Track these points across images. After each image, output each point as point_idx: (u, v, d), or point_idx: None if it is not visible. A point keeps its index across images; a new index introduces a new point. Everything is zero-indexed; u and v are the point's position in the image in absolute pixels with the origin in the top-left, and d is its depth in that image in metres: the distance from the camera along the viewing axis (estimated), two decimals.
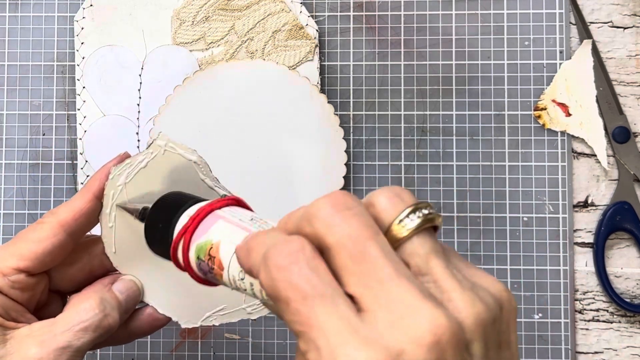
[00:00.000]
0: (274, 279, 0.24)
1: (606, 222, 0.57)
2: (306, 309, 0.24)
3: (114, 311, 0.39)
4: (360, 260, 0.24)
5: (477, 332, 0.23)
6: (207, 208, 0.32)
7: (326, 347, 0.23)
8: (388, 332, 0.23)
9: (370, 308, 0.23)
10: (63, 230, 0.39)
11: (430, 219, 0.25)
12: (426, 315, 0.23)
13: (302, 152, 0.57)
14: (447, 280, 0.24)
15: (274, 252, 0.25)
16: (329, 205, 0.25)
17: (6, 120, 0.59)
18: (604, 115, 0.58)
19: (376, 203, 0.26)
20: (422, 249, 0.25)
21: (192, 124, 0.57)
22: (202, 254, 0.31)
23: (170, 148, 0.40)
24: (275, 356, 0.58)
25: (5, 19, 0.60)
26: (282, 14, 0.58)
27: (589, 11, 0.59)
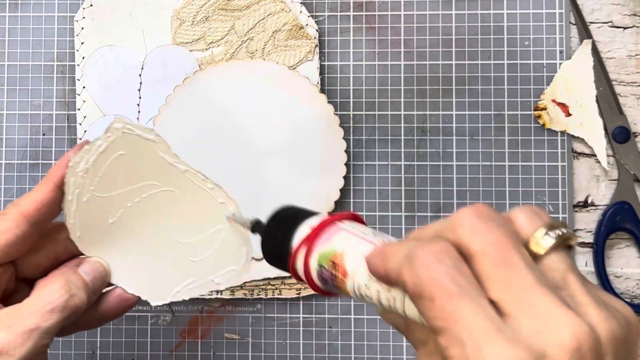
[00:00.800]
0: (420, 277, 0.26)
1: (606, 222, 0.57)
2: (452, 307, 0.25)
3: (80, 292, 0.39)
4: (504, 267, 0.25)
5: (611, 347, 0.25)
6: (329, 219, 0.33)
7: (471, 343, 0.24)
8: (532, 335, 0.24)
9: (513, 313, 0.25)
10: (26, 220, 0.39)
11: (566, 237, 0.27)
12: (568, 323, 0.24)
13: (301, 152, 0.57)
14: (584, 296, 0.26)
15: (421, 252, 0.26)
16: (474, 215, 0.27)
17: (6, 120, 0.59)
18: (604, 115, 0.58)
19: (515, 219, 0.28)
20: (560, 265, 0.26)
21: (192, 124, 0.57)
22: (325, 262, 0.32)
23: (127, 130, 0.40)
24: (275, 356, 0.58)
25: (5, 19, 0.60)
26: (282, 13, 0.58)
27: (589, 11, 0.59)
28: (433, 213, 0.58)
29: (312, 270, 0.33)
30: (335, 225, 0.33)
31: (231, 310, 0.58)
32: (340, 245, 0.32)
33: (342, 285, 0.31)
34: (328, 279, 0.32)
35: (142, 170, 0.40)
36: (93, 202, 0.41)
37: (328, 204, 0.57)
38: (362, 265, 0.30)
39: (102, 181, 0.40)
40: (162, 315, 0.58)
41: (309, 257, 0.33)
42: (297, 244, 0.33)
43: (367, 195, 0.58)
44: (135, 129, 0.40)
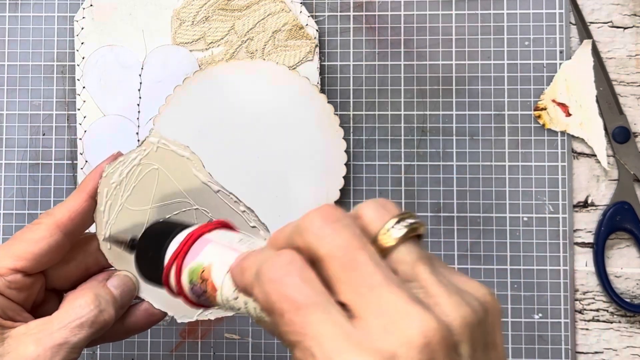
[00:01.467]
0: (267, 293, 0.25)
1: (606, 222, 0.57)
2: (300, 319, 0.24)
3: (109, 306, 0.39)
4: (351, 268, 0.25)
5: (464, 333, 0.24)
6: (195, 233, 0.33)
7: (321, 354, 0.24)
8: (380, 337, 0.23)
9: (362, 314, 0.24)
10: (59, 230, 0.39)
11: (414, 227, 0.27)
12: (416, 319, 0.24)
13: (302, 152, 0.57)
14: (433, 286, 0.25)
15: (266, 267, 0.26)
16: (319, 218, 0.26)
17: (6, 120, 0.59)
18: (604, 115, 0.58)
19: (363, 215, 0.27)
20: (409, 256, 0.26)
21: (192, 124, 0.57)
22: (194, 278, 0.32)
23: (162, 145, 0.40)
24: (275, 356, 0.58)
25: (5, 19, 0.60)
26: (282, 14, 0.58)
27: (589, 11, 0.59)
28: (433, 213, 0.58)
29: (185, 286, 0.32)
30: (203, 237, 0.33)
31: None
32: (207, 259, 0.32)
33: (213, 299, 0.31)
34: (200, 294, 0.32)
35: (175, 187, 0.40)
36: (125, 215, 0.40)
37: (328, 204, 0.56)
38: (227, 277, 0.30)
39: (135, 194, 0.40)
40: None
41: (180, 274, 0.32)
42: (167, 262, 0.33)
43: (367, 195, 0.58)
44: (171, 144, 0.40)
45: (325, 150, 0.57)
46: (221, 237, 0.32)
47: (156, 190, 0.40)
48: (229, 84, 0.57)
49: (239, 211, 0.40)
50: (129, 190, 0.40)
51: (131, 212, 0.41)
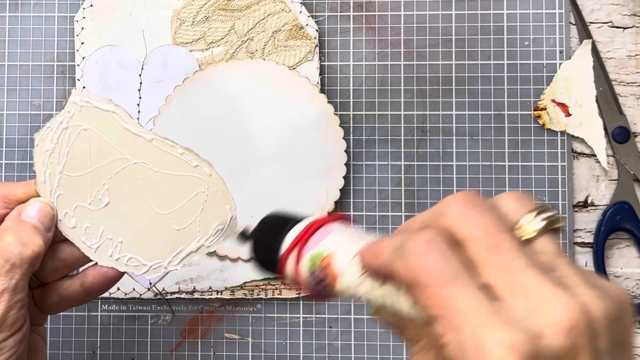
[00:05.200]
0: (412, 266, 0.26)
1: (606, 222, 0.57)
2: (445, 292, 0.25)
3: (33, 238, 0.39)
4: (495, 251, 0.25)
5: (605, 326, 0.25)
6: (317, 222, 0.33)
7: (467, 327, 0.24)
8: (526, 317, 0.24)
9: (506, 296, 0.25)
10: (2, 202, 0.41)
11: (553, 221, 0.27)
12: (562, 303, 0.24)
13: (302, 152, 0.57)
14: (574, 277, 0.25)
15: (411, 241, 0.26)
16: (461, 202, 0.27)
17: (6, 120, 0.60)
18: (604, 115, 0.58)
19: (501, 205, 0.28)
20: (549, 248, 0.26)
21: (192, 124, 0.57)
22: (315, 264, 0.32)
23: (85, 103, 0.39)
24: (275, 356, 0.58)
25: (5, 19, 0.60)
26: (282, 14, 0.58)
27: (589, 11, 0.59)
28: None
29: (303, 273, 0.33)
30: (324, 227, 0.33)
31: (231, 310, 0.58)
32: (330, 247, 0.32)
33: (334, 285, 0.31)
34: (320, 281, 0.32)
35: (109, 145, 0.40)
36: (66, 182, 0.40)
37: (328, 203, 0.57)
38: (352, 264, 0.30)
39: (71, 160, 0.40)
40: (162, 315, 0.58)
41: (300, 261, 0.33)
42: (288, 248, 0.33)
43: (367, 195, 0.58)
44: (94, 101, 0.39)
45: (325, 150, 0.57)
46: (343, 229, 0.33)
47: (91, 152, 0.40)
48: (229, 84, 0.57)
49: (177, 154, 0.39)
50: (65, 156, 0.40)
51: (72, 178, 0.40)
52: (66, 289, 0.42)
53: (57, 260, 0.42)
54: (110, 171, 0.40)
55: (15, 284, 0.38)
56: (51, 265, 0.42)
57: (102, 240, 0.41)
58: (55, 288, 0.42)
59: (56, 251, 0.42)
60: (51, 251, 0.41)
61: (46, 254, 0.41)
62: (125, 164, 0.40)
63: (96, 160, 0.40)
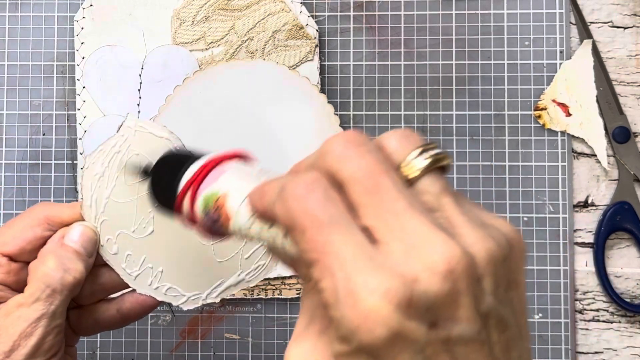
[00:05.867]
0: (290, 209, 0.25)
1: (606, 222, 0.57)
2: (322, 237, 0.24)
3: (74, 264, 0.39)
4: (375, 192, 0.24)
5: (488, 267, 0.24)
6: (213, 162, 0.33)
7: (341, 273, 0.23)
8: (403, 261, 0.23)
9: (385, 239, 0.24)
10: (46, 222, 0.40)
11: (439, 158, 0.26)
12: (440, 246, 0.23)
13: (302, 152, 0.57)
14: (458, 217, 0.25)
15: (291, 185, 0.25)
16: (343, 142, 0.26)
17: (6, 120, 0.59)
18: (604, 115, 0.58)
19: (386, 145, 0.26)
20: (433, 187, 0.25)
21: (192, 124, 0.57)
22: (209, 204, 0.31)
23: (140, 128, 0.39)
24: (275, 356, 0.58)
25: (5, 19, 0.60)
26: (282, 13, 0.58)
27: (589, 11, 0.59)
28: None
29: (198, 213, 0.32)
30: (220, 166, 0.32)
31: (231, 310, 0.58)
32: (223, 187, 0.31)
33: (227, 226, 0.31)
34: (214, 222, 0.31)
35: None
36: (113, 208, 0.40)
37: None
38: (243, 205, 0.30)
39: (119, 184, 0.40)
40: (162, 315, 0.58)
41: (195, 200, 0.32)
42: (183, 188, 0.33)
43: None
44: (148, 127, 0.39)
45: None
46: (238, 168, 0.32)
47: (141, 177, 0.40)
48: (229, 84, 0.57)
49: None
50: (113, 181, 0.40)
51: (118, 204, 0.40)
52: (102, 313, 0.42)
53: (97, 284, 0.42)
54: None
55: (54, 310, 0.38)
56: (89, 289, 0.41)
57: (143, 269, 0.41)
58: (91, 311, 0.42)
59: (96, 275, 0.42)
60: (91, 275, 0.41)
61: (86, 277, 0.41)
62: None
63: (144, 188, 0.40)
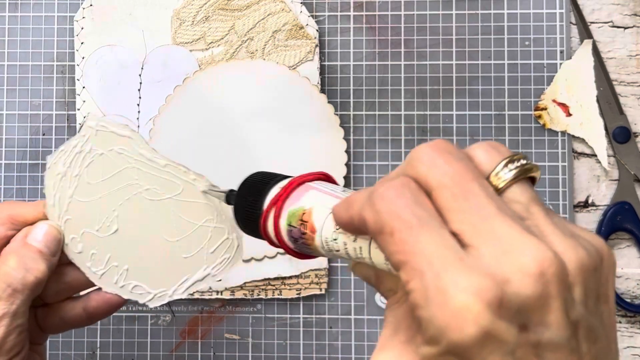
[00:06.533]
0: (379, 211, 0.25)
1: (606, 222, 0.57)
2: (411, 238, 0.24)
3: (36, 263, 0.39)
4: (464, 198, 0.24)
5: (579, 276, 0.24)
6: (298, 179, 0.33)
7: (430, 272, 0.23)
8: (494, 263, 0.23)
9: (475, 243, 0.24)
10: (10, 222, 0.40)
11: (528, 169, 0.26)
12: (532, 249, 0.23)
13: (302, 152, 0.57)
14: (549, 225, 0.25)
15: (380, 189, 0.25)
16: (432, 149, 0.26)
17: (6, 120, 0.59)
18: (605, 115, 0.58)
19: (474, 155, 0.27)
20: (522, 196, 0.25)
21: (192, 124, 0.57)
22: (293, 220, 0.32)
23: (101, 127, 0.39)
24: (275, 356, 0.58)
25: (5, 19, 0.60)
26: (282, 13, 0.58)
27: (590, 11, 0.59)
28: None
29: (283, 230, 0.32)
30: (304, 185, 0.33)
31: (231, 311, 0.58)
32: (308, 203, 0.32)
33: (311, 242, 0.31)
34: (298, 238, 0.32)
35: (123, 170, 0.39)
36: (76, 207, 0.40)
37: None
38: (329, 219, 0.30)
39: (82, 184, 0.40)
40: (162, 316, 0.58)
41: (279, 218, 0.32)
42: (267, 206, 0.33)
43: None
44: (110, 125, 0.39)
45: (325, 151, 0.57)
46: (323, 185, 0.33)
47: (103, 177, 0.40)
48: (229, 84, 0.57)
49: (190, 180, 0.39)
50: (76, 180, 0.40)
51: (82, 203, 0.40)
52: (68, 312, 0.42)
53: (62, 282, 0.42)
54: (121, 197, 0.40)
55: (15, 310, 0.38)
56: (55, 287, 0.41)
57: (108, 267, 0.41)
58: (57, 309, 0.42)
59: (61, 274, 0.42)
60: (56, 273, 0.41)
61: (51, 276, 0.40)
62: (136, 190, 0.40)
63: (107, 186, 0.40)
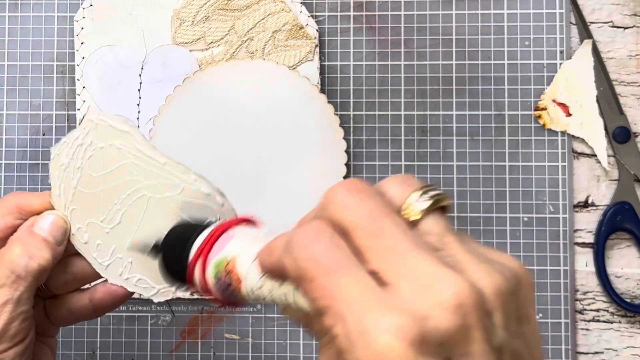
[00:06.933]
0: (297, 259, 0.25)
1: (606, 222, 0.57)
2: (330, 282, 0.24)
3: (41, 251, 0.39)
4: (378, 235, 0.25)
5: (497, 302, 0.24)
6: (219, 229, 0.33)
7: (352, 316, 0.23)
8: (412, 299, 0.23)
9: (392, 280, 0.24)
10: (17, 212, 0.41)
11: (439, 199, 0.26)
12: (448, 282, 0.23)
13: (302, 152, 0.57)
14: (464, 254, 0.25)
15: (296, 236, 0.26)
16: (344, 190, 0.26)
17: (6, 120, 0.59)
18: (604, 115, 0.58)
19: (386, 190, 0.27)
20: (436, 227, 0.26)
21: (192, 124, 0.57)
22: (219, 271, 0.32)
23: (101, 121, 0.39)
24: (275, 356, 0.58)
25: (5, 19, 0.60)
26: (282, 13, 0.58)
27: (590, 11, 0.59)
28: None
29: (210, 282, 0.32)
30: (227, 232, 0.33)
31: (231, 311, 0.58)
32: (231, 252, 0.32)
33: (239, 291, 0.31)
34: (226, 288, 0.32)
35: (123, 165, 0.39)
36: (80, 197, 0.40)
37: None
38: (253, 266, 0.30)
39: (84, 176, 0.40)
40: (162, 316, 0.58)
41: (206, 269, 0.32)
42: (193, 257, 0.33)
43: None
44: (109, 119, 0.39)
45: (325, 150, 0.57)
46: (245, 232, 0.33)
47: (105, 170, 0.40)
48: (229, 83, 0.57)
49: (190, 180, 0.39)
50: (78, 172, 0.40)
51: (85, 194, 0.40)
52: (75, 303, 0.42)
53: (69, 273, 0.42)
54: (123, 191, 0.40)
55: (19, 296, 0.38)
56: (62, 278, 0.42)
57: (113, 259, 0.41)
58: (65, 301, 0.42)
59: (68, 264, 0.42)
60: (63, 264, 0.41)
61: (58, 266, 0.41)
62: (137, 185, 0.40)
63: (109, 179, 0.40)
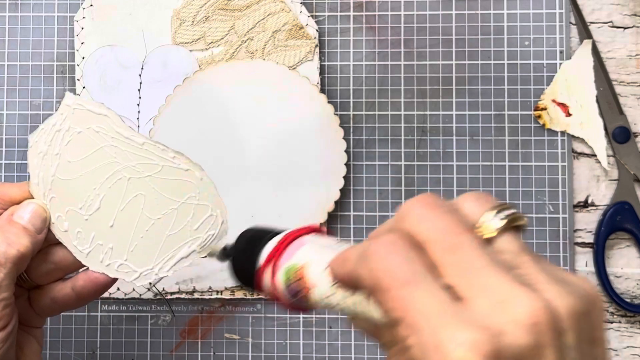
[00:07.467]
0: (373, 269, 0.26)
1: (606, 222, 0.57)
2: (406, 294, 0.24)
3: (19, 238, 0.39)
4: (455, 251, 0.25)
5: (571, 322, 0.24)
6: (291, 235, 0.34)
7: (428, 329, 0.24)
8: (487, 315, 0.23)
9: (468, 296, 0.24)
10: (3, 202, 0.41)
11: (515, 218, 0.27)
12: (524, 300, 0.24)
13: (302, 152, 0.57)
14: (538, 274, 0.25)
15: (372, 247, 0.26)
16: (420, 204, 0.27)
17: (6, 120, 0.59)
18: (604, 115, 0.58)
19: (461, 207, 0.27)
20: (511, 246, 0.26)
21: (192, 124, 0.57)
22: (290, 276, 0.32)
23: (78, 106, 0.39)
24: (275, 356, 0.58)
25: (5, 19, 0.60)
26: (282, 13, 0.58)
27: (589, 11, 0.59)
28: None
29: (280, 286, 0.33)
30: (298, 240, 0.33)
31: (231, 311, 0.58)
32: (303, 258, 0.32)
33: (309, 297, 0.32)
34: (295, 293, 0.32)
35: (101, 148, 0.39)
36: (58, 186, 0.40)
37: (328, 203, 0.57)
38: (324, 275, 0.31)
39: (62, 162, 0.40)
40: (162, 316, 0.58)
41: (275, 274, 0.33)
42: (263, 262, 0.34)
43: (367, 195, 0.58)
44: (86, 104, 0.39)
45: (325, 150, 0.57)
46: (316, 241, 0.33)
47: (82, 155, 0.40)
48: (229, 83, 0.57)
49: (169, 158, 0.39)
50: (57, 159, 0.40)
51: (64, 181, 0.40)
52: (58, 292, 0.42)
53: (51, 262, 0.42)
54: (101, 176, 0.40)
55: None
56: (44, 268, 0.42)
57: (93, 246, 0.41)
58: (48, 290, 0.43)
59: (50, 253, 0.42)
60: (45, 253, 0.42)
61: (40, 256, 0.41)
62: (115, 168, 0.40)
63: (87, 164, 0.40)
